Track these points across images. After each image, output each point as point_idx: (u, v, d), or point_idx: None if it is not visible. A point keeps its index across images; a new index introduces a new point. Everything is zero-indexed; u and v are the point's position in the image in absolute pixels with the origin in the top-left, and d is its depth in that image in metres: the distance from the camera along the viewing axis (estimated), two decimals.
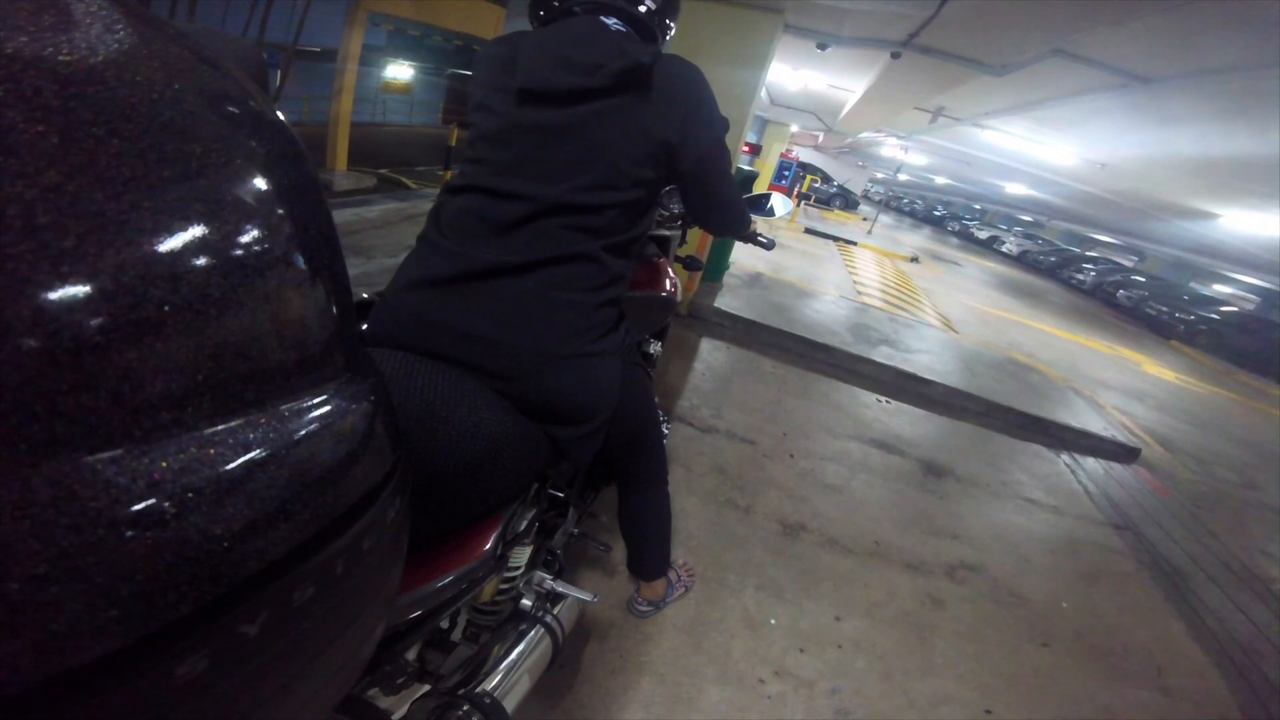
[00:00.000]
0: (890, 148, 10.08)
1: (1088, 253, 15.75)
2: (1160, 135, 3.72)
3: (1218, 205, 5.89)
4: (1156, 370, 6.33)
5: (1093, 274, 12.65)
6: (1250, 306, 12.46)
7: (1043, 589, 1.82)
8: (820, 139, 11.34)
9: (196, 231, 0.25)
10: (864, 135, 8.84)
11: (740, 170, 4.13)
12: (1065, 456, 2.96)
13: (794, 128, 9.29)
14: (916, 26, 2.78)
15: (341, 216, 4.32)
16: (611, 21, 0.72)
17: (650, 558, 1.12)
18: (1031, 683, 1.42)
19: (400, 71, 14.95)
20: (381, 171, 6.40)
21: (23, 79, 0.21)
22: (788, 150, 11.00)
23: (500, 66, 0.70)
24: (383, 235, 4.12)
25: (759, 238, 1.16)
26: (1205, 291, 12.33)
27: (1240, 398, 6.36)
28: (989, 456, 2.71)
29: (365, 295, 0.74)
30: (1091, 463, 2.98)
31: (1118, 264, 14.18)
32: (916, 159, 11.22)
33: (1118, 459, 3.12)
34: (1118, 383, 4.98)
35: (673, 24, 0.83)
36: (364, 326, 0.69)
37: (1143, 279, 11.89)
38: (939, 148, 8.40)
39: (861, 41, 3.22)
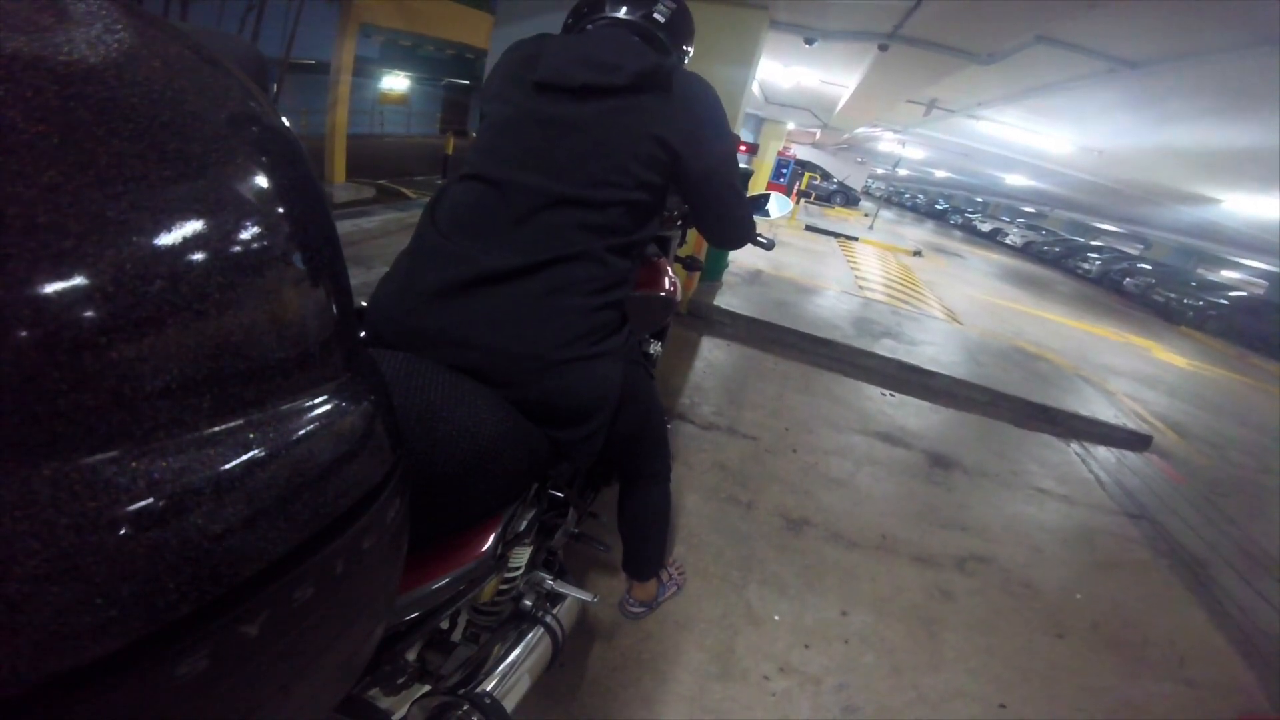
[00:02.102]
0: (888, 142, 10.05)
1: (1092, 242, 15.64)
2: (1153, 120, 3.69)
3: (1218, 190, 5.82)
4: (1166, 356, 6.27)
5: (1098, 263, 12.58)
6: (1259, 291, 12.32)
7: (1056, 580, 1.79)
8: (817, 135, 11.31)
9: (196, 231, 0.25)
10: (860, 130, 8.81)
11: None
12: (1075, 445, 2.93)
13: (790, 125, 9.26)
14: (900, 17, 2.78)
15: (341, 228, 4.35)
16: (634, 37, 0.78)
17: (646, 556, 1.12)
18: (1047, 675, 1.40)
19: (396, 82, 15.05)
20: (380, 182, 6.45)
21: (23, 79, 0.21)
22: (785, 148, 10.98)
23: (521, 62, 0.73)
24: (382, 245, 4.15)
25: (758, 238, 1.16)
26: (1213, 277, 12.22)
27: (1253, 381, 6.28)
28: (997, 447, 2.68)
29: (363, 304, 0.74)
30: (1103, 451, 2.95)
31: (1123, 252, 14.08)
32: (915, 153, 11.18)
33: (1130, 446, 3.08)
34: (1127, 369, 4.93)
35: (689, 49, 0.87)
36: (361, 333, 0.69)
37: (1149, 266, 11.81)
38: (936, 140, 8.37)
39: (848, 35, 3.22)
